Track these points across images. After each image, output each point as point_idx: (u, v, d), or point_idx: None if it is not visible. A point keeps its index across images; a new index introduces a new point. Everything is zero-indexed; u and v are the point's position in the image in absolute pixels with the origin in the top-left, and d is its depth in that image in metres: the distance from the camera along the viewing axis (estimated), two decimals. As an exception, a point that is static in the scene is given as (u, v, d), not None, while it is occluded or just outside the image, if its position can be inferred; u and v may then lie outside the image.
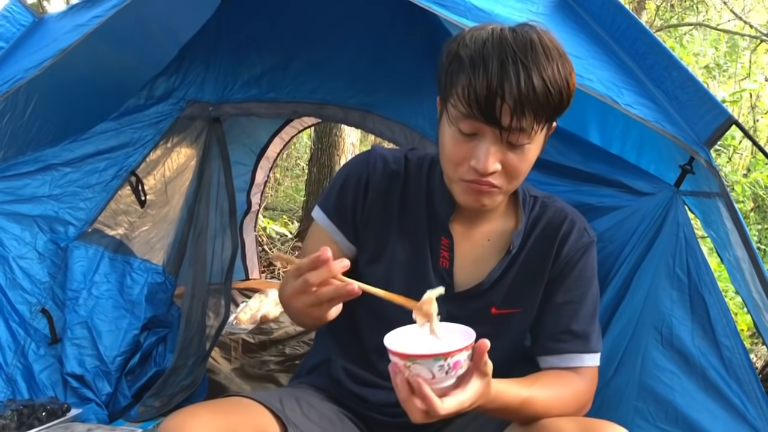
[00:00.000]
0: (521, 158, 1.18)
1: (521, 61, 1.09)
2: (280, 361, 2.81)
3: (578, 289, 1.35)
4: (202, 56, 2.40)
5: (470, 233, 1.36)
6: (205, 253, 2.35)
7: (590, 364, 1.33)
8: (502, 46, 1.11)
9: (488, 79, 1.09)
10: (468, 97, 1.11)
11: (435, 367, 0.97)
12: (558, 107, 1.15)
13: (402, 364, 0.99)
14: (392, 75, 2.26)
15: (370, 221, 1.37)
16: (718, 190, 1.51)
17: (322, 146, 5.11)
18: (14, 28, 2.05)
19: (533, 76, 1.09)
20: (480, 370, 1.03)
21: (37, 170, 2.14)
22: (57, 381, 2.02)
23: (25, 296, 2.06)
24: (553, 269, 1.35)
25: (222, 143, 2.42)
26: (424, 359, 0.97)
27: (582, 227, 1.38)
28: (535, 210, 1.39)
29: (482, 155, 1.15)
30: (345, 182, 1.38)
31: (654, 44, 1.59)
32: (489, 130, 1.14)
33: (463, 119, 1.15)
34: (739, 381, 1.51)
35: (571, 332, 1.32)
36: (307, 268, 1.03)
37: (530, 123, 1.13)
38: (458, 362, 0.99)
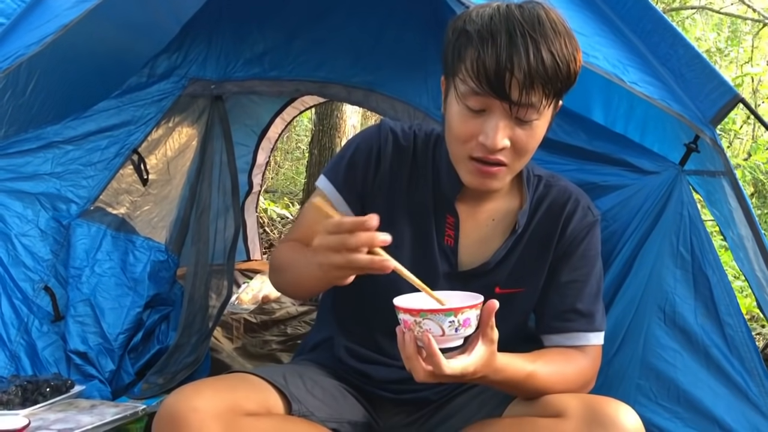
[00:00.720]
0: (530, 134, 1.18)
1: (530, 35, 1.09)
2: (282, 340, 2.82)
3: (583, 268, 1.35)
4: (204, 34, 2.38)
5: (475, 212, 1.36)
6: (208, 232, 2.35)
7: (594, 342, 1.33)
8: (509, 21, 1.10)
9: (497, 53, 1.09)
10: (477, 72, 1.11)
11: (445, 323, 0.99)
12: (566, 82, 1.15)
13: (412, 320, 1.00)
14: (396, 53, 2.25)
15: (378, 195, 1.36)
16: (723, 169, 1.51)
17: (324, 128, 5.10)
18: (15, 5, 2.02)
19: (542, 49, 1.09)
20: (486, 335, 1.04)
21: (39, 148, 2.13)
22: (60, 358, 2.02)
23: (27, 273, 2.05)
24: (557, 248, 1.35)
25: (224, 122, 2.41)
26: (435, 314, 0.99)
27: (586, 206, 1.38)
28: (540, 189, 1.38)
29: (491, 131, 1.14)
30: (355, 153, 1.36)
31: (660, 21, 1.59)
32: (498, 105, 1.13)
33: (471, 95, 1.14)
34: (741, 359, 1.52)
35: (576, 311, 1.33)
36: (349, 228, 0.99)
37: (539, 98, 1.13)
38: (468, 320, 1.01)
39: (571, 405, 1.16)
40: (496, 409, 1.29)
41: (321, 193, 1.37)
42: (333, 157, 1.48)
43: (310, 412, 1.26)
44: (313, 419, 1.26)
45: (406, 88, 2.22)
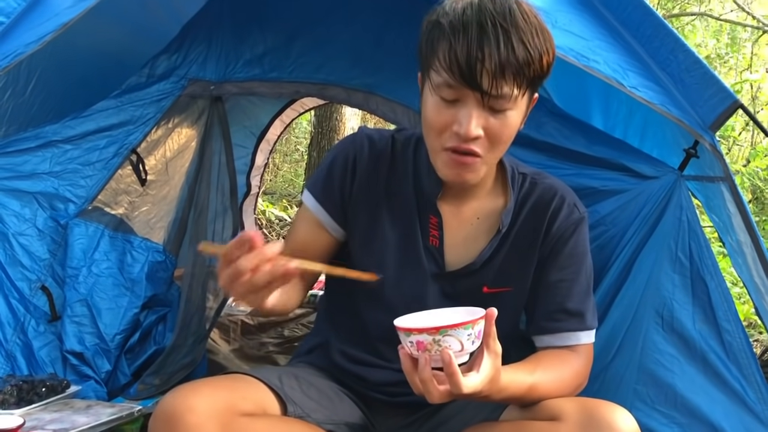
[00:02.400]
0: (503, 124, 1.18)
1: (501, 25, 1.10)
2: (279, 342, 2.82)
3: (571, 267, 1.35)
4: (204, 34, 2.38)
5: (459, 211, 1.36)
6: (206, 233, 2.35)
7: (586, 341, 1.33)
8: (481, 12, 1.12)
9: (468, 44, 1.10)
10: (449, 62, 1.12)
11: (464, 337, 0.98)
12: (538, 73, 1.16)
13: (430, 339, 0.97)
14: (396, 56, 2.24)
15: (358, 203, 1.37)
16: (722, 174, 1.51)
17: (323, 130, 5.10)
18: (15, 3, 2.02)
19: (513, 39, 1.11)
20: (491, 348, 1.04)
21: (38, 147, 2.12)
22: (56, 358, 2.01)
23: (24, 273, 2.05)
24: (543, 247, 1.35)
25: (224, 123, 2.41)
26: (455, 329, 0.97)
27: (572, 203, 1.38)
28: (525, 187, 1.39)
29: (464, 119, 1.15)
30: (332, 164, 1.38)
31: (660, 27, 1.59)
32: (470, 95, 1.14)
33: (444, 86, 1.15)
34: (739, 365, 1.51)
35: (566, 311, 1.33)
36: (234, 249, 0.98)
37: (510, 87, 1.14)
38: (480, 331, 1.00)
39: (567, 408, 1.16)
40: (493, 413, 1.29)
41: (305, 207, 1.40)
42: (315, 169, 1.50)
43: (306, 414, 1.26)
44: (309, 421, 1.26)
45: (405, 91, 2.21)
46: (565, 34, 1.51)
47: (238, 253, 0.98)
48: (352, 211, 1.37)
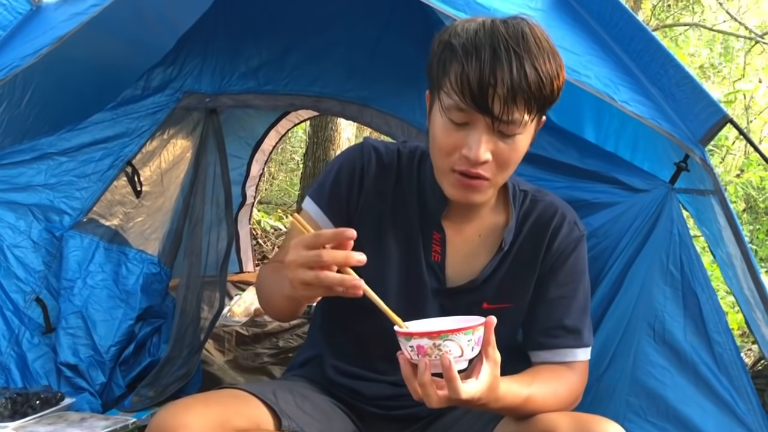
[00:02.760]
0: (512, 148, 1.18)
1: (513, 50, 1.10)
2: (274, 353, 2.82)
3: (570, 284, 1.35)
4: (199, 47, 2.39)
5: (461, 228, 1.36)
6: (201, 245, 2.35)
7: (582, 358, 1.34)
8: (494, 36, 1.11)
9: (481, 68, 1.10)
10: (461, 86, 1.12)
11: (464, 342, 0.98)
12: (549, 98, 1.16)
13: (430, 344, 0.98)
14: (390, 69, 2.27)
15: (363, 214, 1.36)
16: (712, 188, 1.52)
17: (318, 140, 5.12)
18: (11, 16, 2.04)
19: (525, 65, 1.10)
20: (489, 356, 1.04)
21: (33, 159, 2.14)
22: (51, 370, 2.01)
23: (19, 285, 2.05)
24: (544, 264, 1.36)
25: (219, 135, 2.42)
26: (456, 334, 0.98)
27: (572, 221, 1.38)
28: (526, 204, 1.39)
29: (474, 143, 1.15)
30: (339, 173, 1.36)
31: (651, 42, 1.60)
32: (481, 119, 1.14)
33: (455, 109, 1.15)
34: (729, 377, 1.52)
35: (564, 327, 1.33)
36: (326, 241, 0.99)
37: (521, 113, 1.13)
38: (480, 338, 1.01)
39: (561, 423, 1.16)
40: (487, 426, 1.29)
41: (307, 215, 1.37)
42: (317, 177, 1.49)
43: (301, 428, 1.26)
44: (304, 435, 1.26)
45: (400, 104, 2.24)
46: (547, 31, 1.53)
47: (325, 243, 0.98)
48: (357, 221, 1.35)
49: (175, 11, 2.48)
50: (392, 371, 1.37)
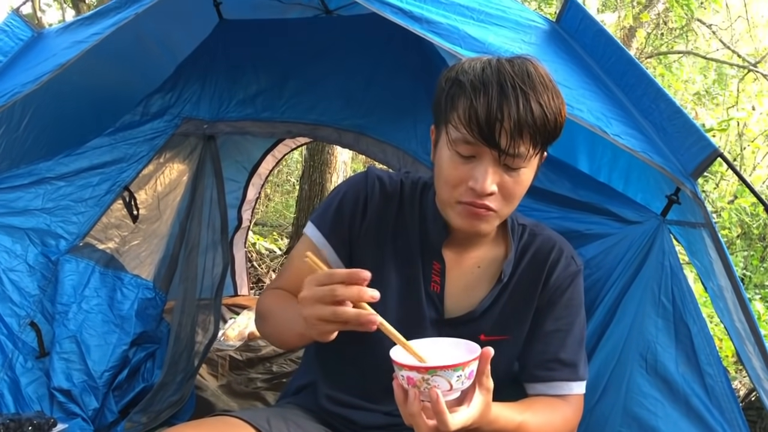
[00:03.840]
0: (516, 181, 1.21)
1: (520, 87, 1.14)
2: (267, 378, 2.81)
3: (566, 318, 1.37)
4: (198, 74, 2.41)
5: (461, 259, 1.38)
6: (196, 270, 2.36)
7: (577, 391, 1.35)
8: (501, 73, 1.15)
9: (488, 103, 1.13)
10: (469, 120, 1.15)
11: (453, 378, 1.00)
12: (552, 133, 1.19)
13: (419, 377, 1.00)
14: (386, 97, 2.29)
15: (366, 242, 1.37)
16: (703, 221, 1.54)
17: (314, 164, 5.14)
18: (13, 42, 2.07)
19: (531, 101, 1.14)
20: (483, 385, 1.07)
21: (31, 183, 2.15)
22: (44, 395, 2.01)
23: (14, 309, 2.05)
24: (541, 297, 1.37)
25: (216, 161, 2.43)
26: (445, 370, 0.99)
27: (570, 255, 1.40)
28: (524, 238, 1.41)
29: (480, 176, 1.18)
30: (343, 201, 1.38)
31: (643, 76, 1.63)
32: (487, 152, 1.17)
33: (462, 142, 1.18)
34: (721, 409, 1.53)
35: (560, 360, 1.35)
36: (341, 279, 1.01)
37: (527, 147, 1.17)
38: (472, 372, 1.03)
39: None
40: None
41: (309, 241, 1.39)
42: (320, 203, 1.50)
43: (294, 457, 1.26)
44: (297, 463, 1.26)
45: (395, 133, 2.25)
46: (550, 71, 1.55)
47: (343, 280, 1.01)
48: (359, 250, 1.38)
49: (174, 38, 2.52)
50: (387, 401, 1.37)
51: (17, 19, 2.10)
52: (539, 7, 6.50)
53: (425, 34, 1.58)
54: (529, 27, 1.73)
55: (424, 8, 1.61)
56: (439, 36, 1.58)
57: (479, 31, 1.62)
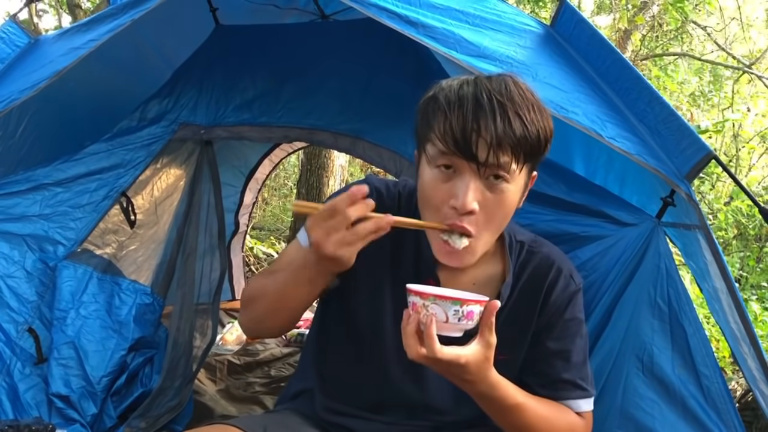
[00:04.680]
0: (499, 200, 1.18)
1: (497, 99, 1.12)
2: (266, 383, 2.82)
3: (567, 337, 1.34)
4: (195, 80, 2.42)
5: (456, 276, 1.35)
6: (194, 275, 2.36)
7: (585, 408, 1.33)
8: (477, 87, 1.14)
9: (464, 115, 1.12)
10: (444, 133, 1.14)
11: (450, 311, 1.05)
12: (536, 148, 1.16)
13: (421, 303, 1.06)
14: (383, 102, 2.30)
15: (363, 258, 1.31)
16: (698, 223, 1.55)
17: (312, 167, 5.14)
18: (9, 49, 2.07)
19: (509, 112, 1.12)
20: (484, 336, 1.08)
21: (28, 189, 2.15)
22: (42, 401, 2.01)
23: (12, 315, 2.05)
24: (540, 317, 1.35)
25: (213, 166, 2.43)
26: (443, 300, 1.05)
27: (568, 274, 1.37)
28: (522, 256, 1.38)
29: (461, 192, 1.15)
30: None
31: (637, 80, 1.65)
32: (467, 166, 1.14)
33: (440, 156, 1.16)
34: (717, 410, 1.54)
35: (564, 380, 1.32)
36: (346, 204, 1.06)
37: (509, 159, 1.14)
38: (471, 312, 1.06)
39: None
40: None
41: (300, 246, 1.36)
42: None
43: (292, 463, 1.26)
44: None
45: (392, 137, 2.26)
46: (545, 87, 1.56)
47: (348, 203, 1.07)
48: (356, 266, 1.30)
49: (171, 44, 2.53)
50: (385, 411, 1.38)
51: (14, 26, 2.11)
52: (533, 10, 6.53)
53: (421, 39, 1.59)
54: (524, 31, 1.75)
55: (419, 13, 1.62)
56: (434, 40, 1.59)
57: (475, 36, 1.63)
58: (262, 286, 1.33)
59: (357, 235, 1.07)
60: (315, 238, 1.08)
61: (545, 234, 1.50)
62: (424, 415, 1.38)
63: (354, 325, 1.37)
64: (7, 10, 10.64)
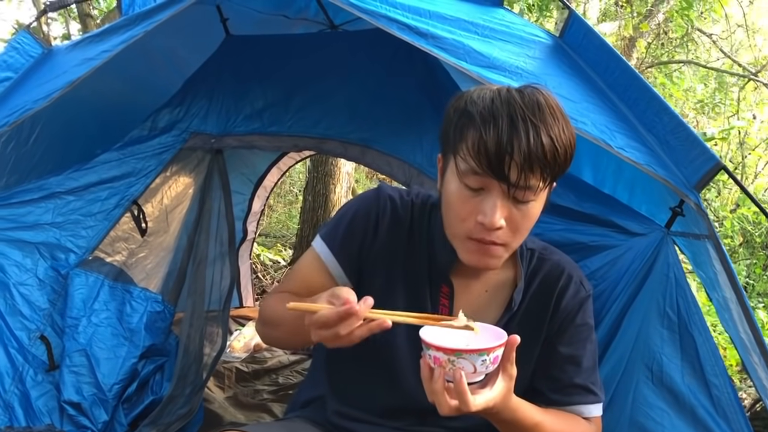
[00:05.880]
0: (525, 215, 1.20)
1: (530, 120, 1.12)
2: (274, 390, 2.82)
3: (578, 343, 1.36)
4: (205, 89, 2.44)
5: (469, 282, 1.37)
6: (204, 283, 2.37)
7: (596, 413, 1.35)
8: (510, 104, 1.14)
9: (498, 136, 1.12)
10: (478, 152, 1.14)
11: (478, 362, 1.04)
12: (562, 165, 1.18)
13: (445, 358, 1.04)
14: (392, 111, 2.31)
15: (374, 263, 1.37)
16: (707, 233, 1.55)
17: (318, 175, 5.15)
18: (23, 59, 2.09)
19: (541, 134, 1.12)
20: (506, 371, 1.09)
21: (41, 198, 2.17)
22: (53, 408, 2.02)
23: (24, 322, 2.07)
24: (551, 324, 1.36)
25: (223, 174, 2.45)
26: (470, 354, 1.03)
27: (578, 281, 1.39)
28: (533, 263, 1.40)
29: (489, 210, 1.16)
30: (354, 220, 1.37)
31: (646, 90, 1.65)
32: (496, 185, 1.16)
33: (471, 174, 1.16)
34: (727, 419, 1.54)
35: (575, 385, 1.34)
36: (335, 322, 1.06)
37: (537, 180, 1.15)
38: (497, 357, 1.06)
39: None
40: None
41: (316, 255, 1.38)
42: (330, 218, 1.49)
43: (304, 471, 1.27)
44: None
45: (401, 146, 2.28)
46: (557, 98, 1.57)
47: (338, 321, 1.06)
48: (368, 270, 1.37)
49: (182, 54, 2.54)
50: (396, 417, 1.38)
51: (28, 36, 2.12)
52: (538, 20, 6.55)
53: (430, 50, 1.60)
54: (533, 42, 1.76)
55: (429, 24, 1.63)
56: (444, 51, 1.60)
57: (484, 46, 1.64)
58: (280, 315, 1.32)
59: (351, 339, 1.08)
60: (313, 337, 1.10)
61: (555, 243, 1.51)
62: (435, 422, 1.38)
63: None
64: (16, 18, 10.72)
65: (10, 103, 1.93)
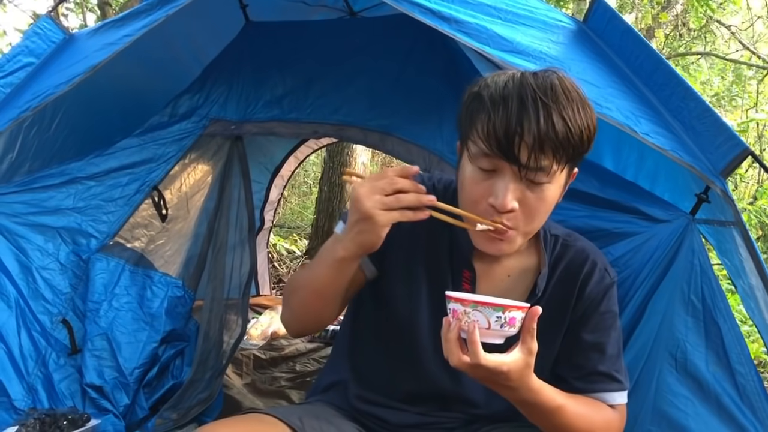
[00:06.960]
0: (539, 198, 1.18)
1: (541, 100, 1.11)
2: (291, 377, 2.83)
3: (603, 329, 1.34)
4: (225, 76, 2.44)
5: (491, 267, 1.36)
6: (224, 270, 2.38)
7: (620, 401, 1.34)
8: (522, 87, 1.13)
9: (507, 117, 1.11)
10: (487, 134, 1.13)
11: (492, 318, 1.04)
12: (578, 149, 1.16)
13: (462, 310, 1.05)
14: (412, 98, 2.30)
15: (396, 249, 1.35)
16: (733, 219, 1.54)
17: (334, 165, 5.17)
18: (45, 45, 2.10)
19: (553, 114, 1.11)
20: (526, 343, 1.07)
21: (62, 183, 2.19)
22: (76, 391, 2.04)
23: (46, 306, 2.09)
24: (575, 310, 1.35)
25: (243, 161, 2.46)
26: (485, 307, 1.04)
27: (603, 268, 1.37)
28: (557, 249, 1.38)
29: (500, 192, 1.15)
30: None
31: (671, 75, 1.63)
32: (508, 167, 1.14)
33: (482, 156, 1.16)
34: (752, 408, 1.52)
35: (600, 373, 1.32)
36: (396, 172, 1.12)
37: (549, 162, 1.13)
38: (513, 319, 1.06)
39: None
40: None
41: None
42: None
43: (327, 454, 1.27)
44: (330, 461, 1.27)
45: (421, 133, 2.27)
46: (578, 83, 1.55)
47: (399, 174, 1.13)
48: (391, 255, 1.36)
49: (201, 41, 2.55)
50: (419, 402, 1.38)
51: (49, 22, 2.13)
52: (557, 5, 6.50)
53: (453, 34, 1.59)
54: (557, 27, 1.74)
55: (452, 8, 1.62)
56: (467, 35, 1.59)
57: (507, 31, 1.62)
58: (299, 278, 1.35)
59: (397, 201, 1.10)
60: (358, 191, 1.12)
61: (578, 230, 1.49)
62: (457, 407, 1.38)
63: (389, 316, 1.38)
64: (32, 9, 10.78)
65: (33, 88, 1.94)
